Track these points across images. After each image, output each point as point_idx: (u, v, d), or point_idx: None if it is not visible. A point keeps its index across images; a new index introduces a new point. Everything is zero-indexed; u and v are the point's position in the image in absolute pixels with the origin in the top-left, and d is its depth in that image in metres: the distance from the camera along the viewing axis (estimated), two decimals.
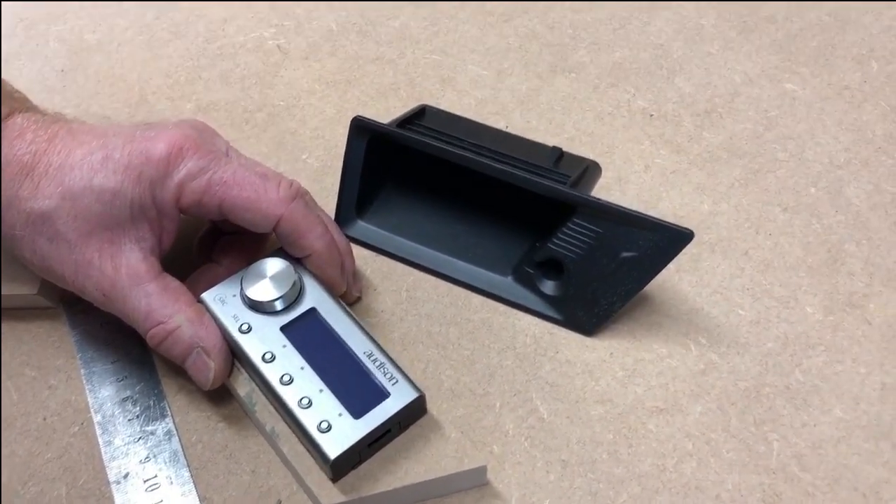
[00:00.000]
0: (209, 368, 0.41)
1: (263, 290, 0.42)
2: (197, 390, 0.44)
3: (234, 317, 0.42)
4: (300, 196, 0.43)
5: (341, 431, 0.38)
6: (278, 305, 0.42)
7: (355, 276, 0.48)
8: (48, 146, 0.41)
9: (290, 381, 0.40)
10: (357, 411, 0.39)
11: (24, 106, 0.44)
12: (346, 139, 0.48)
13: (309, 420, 0.38)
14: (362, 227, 0.51)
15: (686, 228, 0.42)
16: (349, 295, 0.47)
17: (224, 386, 0.44)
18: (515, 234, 0.49)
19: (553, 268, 0.47)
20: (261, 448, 0.42)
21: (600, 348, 0.46)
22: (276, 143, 0.56)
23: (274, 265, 0.43)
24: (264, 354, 0.41)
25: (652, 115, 0.57)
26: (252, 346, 0.41)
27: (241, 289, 0.42)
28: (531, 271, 0.47)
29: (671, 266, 0.48)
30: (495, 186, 0.49)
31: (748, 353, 0.45)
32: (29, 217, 0.40)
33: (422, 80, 0.60)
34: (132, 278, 0.41)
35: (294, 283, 0.42)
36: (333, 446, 0.37)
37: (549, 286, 0.47)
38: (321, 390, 0.39)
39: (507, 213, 0.50)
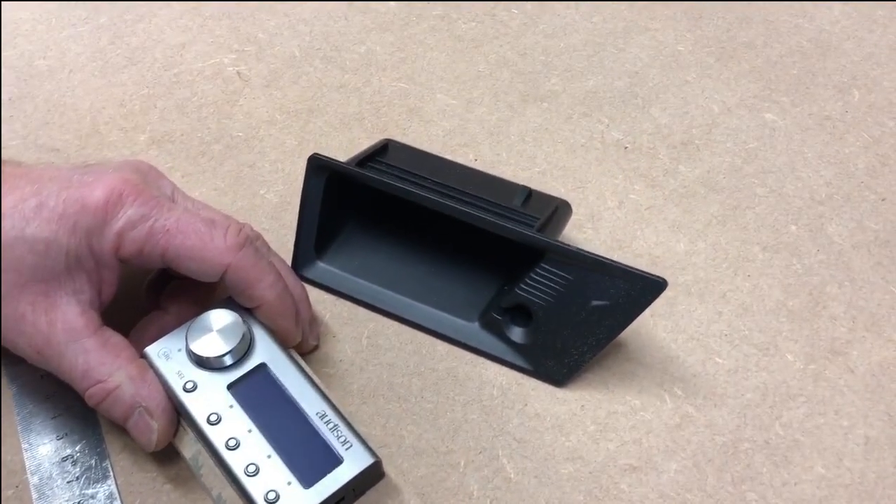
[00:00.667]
0: (152, 430, 0.38)
1: (210, 344, 0.39)
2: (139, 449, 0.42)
3: (179, 374, 0.39)
4: (250, 243, 0.41)
5: (290, 502, 0.35)
6: (226, 361, 0.39)
7: (313, 323, 0.45)
8: None
9: (237, 445, 0.37)
10: (307, 480, 0.36)
11: None
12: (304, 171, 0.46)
13: (256, 489, 0.36)
14: (322, 268, 0.48)
15: (659, 277, 0.40)
16: (305, 344, 0.44)
17: (171, 445, 0.41)
18: (482, 276, 0.47)
19: (522, 313, 0.44)
20: None
21: (571, 400, 0.43)
22: (233, 176, 0.53)
23: (221, 317, 0.40)
24: (209, 416, 0.38)
25: (626, 147, 0.55)
26: (197, 407, 0.38)
27: (187, 343, 0.40)
28: (499, 317, 0.45)
29: (646, 311, 0.46)
30: (462, 227, 0.47)
31: (725, 404, 0.43)
32: None
33: (388, 110, 0.57)
34: (68, 334, 0.38)
35: (243, 336, 0.40)
36: None
37: (517, 333, 0.44)
38: (269, 456, 0.37)
39: (473, 255, 0.47)
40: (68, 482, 0.41)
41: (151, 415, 0.38)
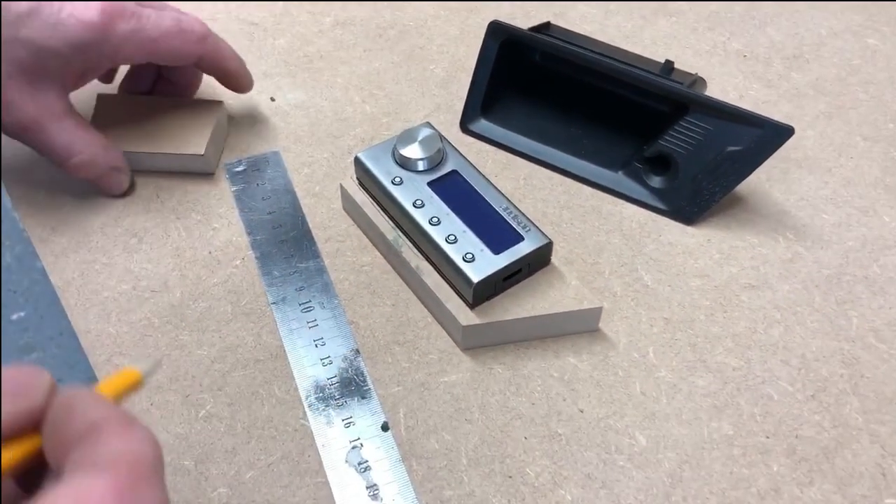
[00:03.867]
0: (121, 180, 0.52)
1: (414, 150, 0.48)
2: (343, 241, 0.51)
3: (388, 172, 0.48)
4: (209, 31, 0.52)
5: (483, 262, 0.44)
6: (425, 165, 0.48)
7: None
8: None
9: (438, 222, 0.46)
10: (496, 248, 0.45)
11: None
12: (468, 56, 0.55)
13: (455, 252, 0.45)
14: (485, 124, 0.57)
15: (788, 125, 0.48)
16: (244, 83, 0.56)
17: (366, 241, 0.50)
18: (623, 137, 0.55)
19: (660, 164, 0.52)
20: (400, 288, 0.48)
21: (699, 235, 0.51)
22: (406, 54, 0.63)
23: (422, 132, 0.49)
24: (415, 201, 0.47)
25: (745, 56, 0.63)
26: (404, 195, 0.47)
27: (395, 149, 0.49)
28: (640, 166, 0.53)
29: (762, 175, 0.54)
30: (606, 98, 0.56)
31: (831, 248, 0.51)
32: None
33: (536, 13, 0.66)
34: (51, 116, 0.49)
35: (439, 149, 0.49)
36: (476, 273, 0.43)
37: (656, 180, 0.53)
38: (464, 231, 0.45)
39: (616, 121, 0.56)
40: (285, 258, 0.50)
41: (120, 170, 0.52)
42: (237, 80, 0.55)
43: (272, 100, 0.59)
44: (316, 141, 0.57)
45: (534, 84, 0.57)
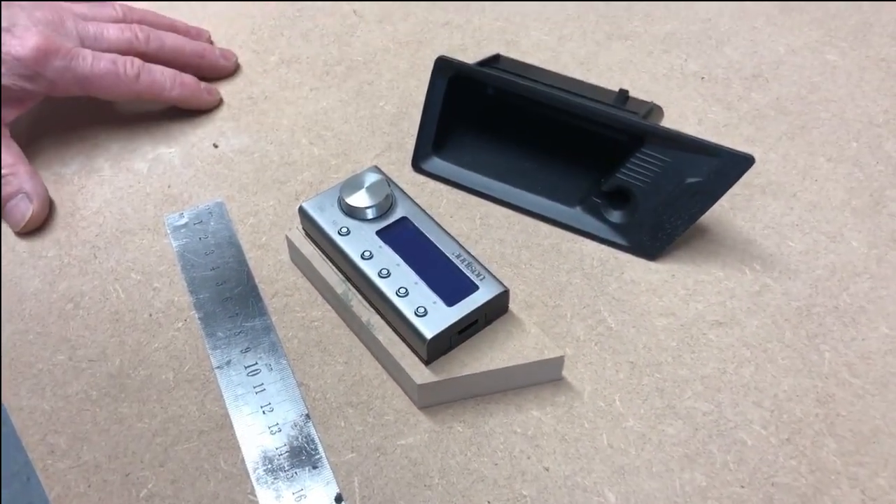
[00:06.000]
0: (27, 211, 0.51)
1: (360, 198, 0.46)
2: (291, 295, 0.48)
3: (334, 222, 0.46)
4: (142, 66, 0.55)
5: (436, 316, 0.42)
6: (374, 213, 0.46)
7: (210, 54, 0.61)
8: None
9: (388, 274, 0.44)
10: (450, 300, 0.42)
11: None
12: (419, 91, 0.53)
13: (406, 307, 0.42)
14: (438, 163, 0.55)
15: (748, 154, 0.46)
16: (222, 70, 0.61)
17: (315, 294, 0.48)
18: (580, 170, 0.53)
19: (619, 198, 0.50)
20: (352, 343, 0.46)
21: (662, 271, 0.49)
22: (355, 91, 0.61)
23: (369, 178, 0.47)
24: (363, 253, 0.44)
25: (703, 78, 0.61)
26: (351, 247, 0.45)
27: (340, 197, 0.46)
28: (598, 201, 0.51)
29: (725, 204, 0.53)
30: (561, 130, 0.54)
31: (799, 278, 0.49)
32: None
33: (487, 43, 0.64)
34: None
35: (387, 195, 0.46)
36: (430, 328, 0.41)
37: (615, 215, 0.51)
38: (416, 282, 0.43)
39: (571, 154, 0.54)
40: (229, 317, 0.47)
41: (31, 199, 0.51)
42: (188, 102, 0.58)
43: (215, 146, 0.57)
44: (262, 188, 0.54)
45: (487, 118, 0.55)
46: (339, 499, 0.40)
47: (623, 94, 0.52)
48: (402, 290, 0.43)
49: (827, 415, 0.43)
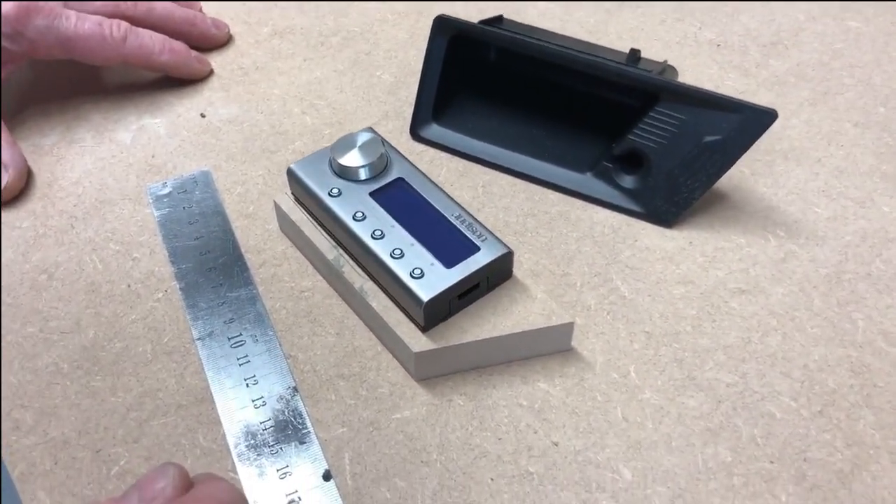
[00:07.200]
0: (3, 179, 0.48)
1: (353, 158, 0.43)
2: (279, 264, 0.45)
3: (324, 183, 0.43)
4: (131, 30, 0.52)
5: (434, 277, 0.38)
6: (366, 174, 0.43)
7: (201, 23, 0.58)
8: None
9: (382, 235, 0.40)
10: (448, 261, 0.39)
11: None
12: (419, 60, 0.50)
13: (401, 269, 0.39)
14: (438, 130, 0.52)
15: (770, 108, 0.43)
16: (213, 40, 0.58)
17: (305, 263, 0.44)
18: (590, 136, 0.50)
19: (631, 162, 0.47)
20: (345, 314, 0.43)
21: (679, 238, 0.46)
22: (351, 61, 0.58)
23: (362, 137, 0.44)
24: (355, 214, 0.41)
25: (719, 45, 0.58)
26: (342, 208, 0.42)
27: (331, 158, 0.43)
28: (609, 166, 0.48)
29: (745, 170, 0.49)
30: (569, 96, 0.50)
31: (827, 244, 0.45)
32: None
33: (492, 11, 0.61)
34: None
35: (381, 155, 0.43)
36: (426, 290, 0.38)
37: (627, 180, 0.47)
38: (412, 244, 0.40)
39: (580, 119, 0.51)
40: (213, 287, 0.44)
41: (6, 168, 0.48)
42: (178, 69, 0.55)
43: (202, 116, 0.54)
44: (250, 157, 0.51)
45: (489, 83, 0.52)
46: (327, 476, 0.36)
47: (635, 54, 0.49)
48: (397, 252, 0.39)
49: (863, 386, 0.39)
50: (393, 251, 0.39)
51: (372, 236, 0.40)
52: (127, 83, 0.57)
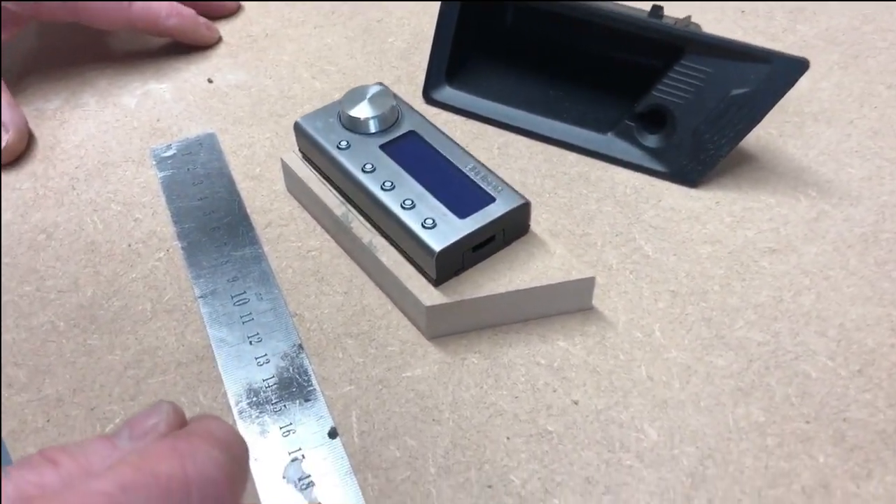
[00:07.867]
0: (2, 139, 0.46)
1: (363, 109, 0.41)
2: (286, 224, 0.43)
3: (333, 136, 0.41)
4: None
5: (446, 228, 0.36)
6: (376, 126, 0.41)
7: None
8: None
9: (392, 187, 0.38)
10: (462, 212, 0.37)
11: None
12: (432, 26, 0.48)
13: (412, 219, 0.37)
14: (450, 92, 0.50)
15: (802, 57, 0.41)
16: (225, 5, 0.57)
17: (313, 223, 0.43)
18: (610, 96, 0.48)
19: (654, 120, 0.45)
20: (353, 273, 0.41)
21: (705, 198, 0.44)
22: (362, 29, 0.56)
23: (372, 90, 0.42)
24: (364, 166, 0.39)
25: (743, 12, 0.56)
26: (351, 160, 0.40)
27: (340, 111, 0.41)
28: (632, 125, 0.45)
29: (773, 132, 0.47)
30: (589, 55, 0.49)
31: (862, 204, 0.43)
32: None
33: None
34: None
35: (392, 107, 0.41)
36: (438, 241, 0.36)
37: (650, 139, 0.45)
38: (423, 194, 0.38)
39: (601, 79, 0.49)
40: (216, 246, 0.42)
41: (7, 129, 0.46)
42: (185, 34, 0.54)
43: (209, 81, 0.52)
44: (258, 121, 0.49)
45: (505, 44, 0.50)
46: (333, 433, 0.34)
47: (657, 10, 0.47)
48: (408, 202, 0.37)
49: None
50: (403, 202, 0.37)
51: (382, 188, 0.38)
52: (133, 50, 0.55)
